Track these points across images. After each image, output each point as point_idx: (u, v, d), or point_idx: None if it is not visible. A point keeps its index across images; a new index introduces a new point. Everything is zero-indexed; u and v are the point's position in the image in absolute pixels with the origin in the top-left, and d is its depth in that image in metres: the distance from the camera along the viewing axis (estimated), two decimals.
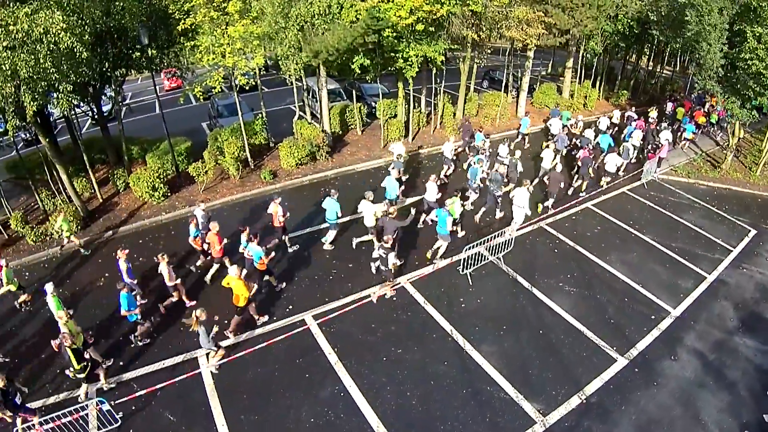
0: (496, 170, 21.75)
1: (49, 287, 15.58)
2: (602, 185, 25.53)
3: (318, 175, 26.52)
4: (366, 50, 24.80)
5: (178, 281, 17.02)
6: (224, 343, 15.43)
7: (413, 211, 19.13)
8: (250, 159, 27.18)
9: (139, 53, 24.62)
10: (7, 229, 23.06)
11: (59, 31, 17.02)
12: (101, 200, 25.36)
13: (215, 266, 18.46)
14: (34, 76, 17.67)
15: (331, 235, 20.11)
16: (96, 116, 27.46)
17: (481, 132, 27.10)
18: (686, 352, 16.00)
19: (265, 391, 14.52)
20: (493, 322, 16.62)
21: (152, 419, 14.11)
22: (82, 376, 13.98)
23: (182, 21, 23.12)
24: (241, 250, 17.66)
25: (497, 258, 18.90)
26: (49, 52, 17.48)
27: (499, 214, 22.56)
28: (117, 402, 14.01)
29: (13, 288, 17.54)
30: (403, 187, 22.38)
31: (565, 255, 20.17)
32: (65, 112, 23.61)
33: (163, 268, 16.39)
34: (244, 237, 17.40)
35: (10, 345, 16.34)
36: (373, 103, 32.03)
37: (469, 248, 17.70)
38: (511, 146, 26.05)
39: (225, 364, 15.23)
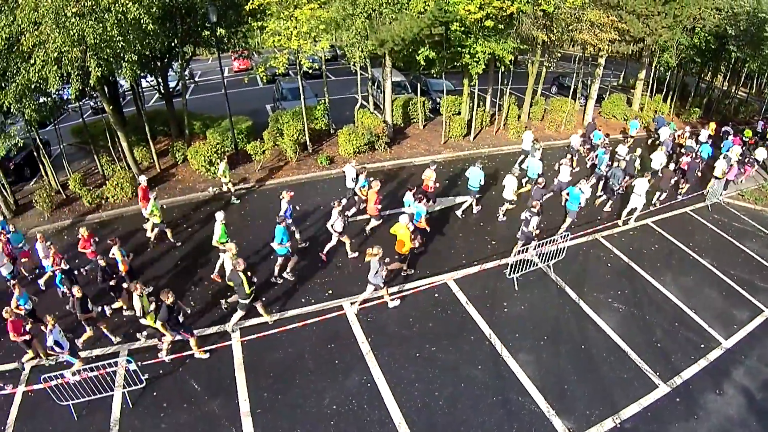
0: (617, 166, 23.13)
1: (219, 215, 17.49)
2: (710, 191, 25.59)
3: (375, 164, 26.34)
4: (432, 43, 24.39)
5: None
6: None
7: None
8: (308, 143, 27.35)
9: (207, 32, 25.03)
10: (66, 189, 24.50)
11: (127, 2, 17.57)
12: (159, 170, 26.34)
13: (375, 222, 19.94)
14: (101, 44, 18.15)
15: (468, 201, 22.15)
16: (162, 91, 28.06)
17: (600, 131, 28.12)
18: (733, 387, 14.86)
19: (292, 373, 14.49)
20: (534, 331, 15.95)
21: (177, 385, 14.45)
22: (247, 301, 15.16)
23: (250, 1, 23.16)
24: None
25: (547, 265, 18.23)
26: (116, 21, 17.95)
27: (608, 208, 23.59)
28: (144, 363, 14.17)
29: (157, 220, 19.41)
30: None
31: (617, 270, 19.22)
32: (131, 82, 24.39)
33: (335, 215, 17.72)
34: (409, 195, 18.94)
35: None
36: (437, 99, 31.56)
37: (519, 252, 17.16)
38: (630, 145, 26.57)
39: (255, 341, 15.30)
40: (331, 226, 17.85)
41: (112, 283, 16.11)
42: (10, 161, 27.22)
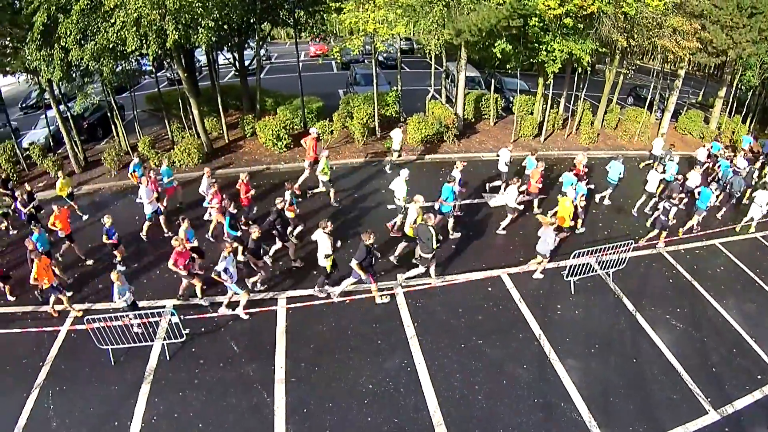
0: (738, 175, 23.30)
1: (404, 172, 18.60)
2: None
3: (441, 155, 26.16)
4: (510, 36, 23.75)
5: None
6: None
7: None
8: (377, 128, 27.30)
9: (285, 11, 25.20)
10: (134, 151, 25.60)
11: None
12: (227, 141, 27.21)
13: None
14: (180, 8, 18.58)
15: (608, 193, 22.63)
16: (238, 66, 28.81)
17: (719, 142, 28.15)
18: None
19: (333, 347, 14.38)
20: (585, 338, 15.13)
21: (216, 344, 14.75)
22: (430, 256, 15.81)
23: None
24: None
25: (606, 273, 17.42)
26: None
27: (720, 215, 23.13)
28: (187, 318, 14.19)
29: (326, 177, 20.36)
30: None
31: (679, 287, 18.10)
32: (208, 54, 25.13)
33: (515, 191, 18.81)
34: (570, 175, 20.25)
35: None
36: (510, 98, 30.86)
37: (579, 255, 16.42)
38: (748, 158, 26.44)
39: (301, 311, 15.40)
40: (513, 200, 19.02)
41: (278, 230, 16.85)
42: (84, 120, 29.19)
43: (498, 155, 22.25)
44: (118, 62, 22.95)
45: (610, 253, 16.53)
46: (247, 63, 29.95)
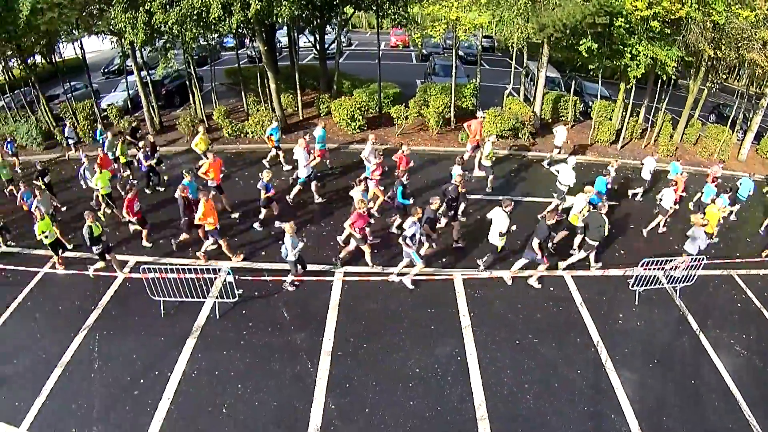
0: None
1: (572, 160, 19.00)
2: None
3: (516, 153, 25.44)
4: (594, 34, 22.78)
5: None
6: None
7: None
8: (453, 118, 26.85)
9: None
10: (209, 120, 26.69)
11: None
12: (301, 118, 27.62)
13: None
14: None
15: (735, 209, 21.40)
16: (318, 48, 29.13)
17: None
18: None
19: (384, 326, 14.10)
20: (644, 351, 14.13)
21: (267, 309, 14.79)
22: (596, 244, 15.94)
23: None
24: None
25: (672, 288, 16.49)
26: None
27: None
28: (241, 278, 14.15)
29: (488, 164, 20.27)
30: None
31: (747, 313, 16.76)
32: (289, 31, 25.35)
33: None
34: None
35: None
36: (590, 102, 29.92)
37: (646, 264, 15.57)
38: None
39: (357, 285, 15.30)
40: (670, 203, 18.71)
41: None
42: (163, 87, 30.35)
43: (642, 163, 21.78)
44: (201, 32, 23.15)
45: (678, 268, 15.70)
46: (327, 46, 30.16)
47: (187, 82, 28.21)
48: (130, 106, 29.52)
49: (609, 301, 15.69)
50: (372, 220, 16.19)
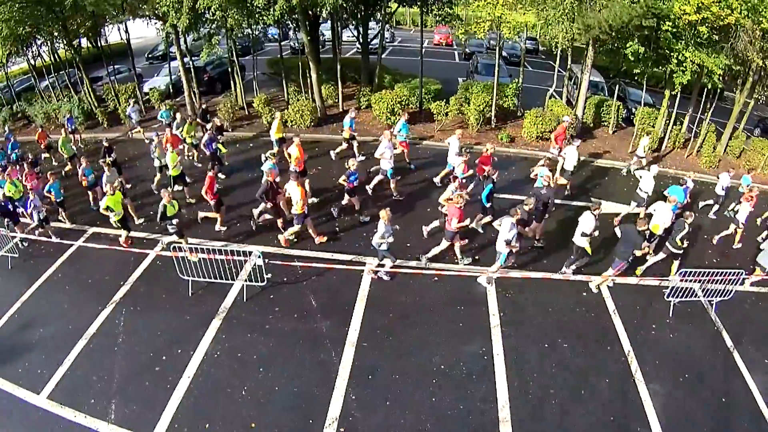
0: None
1: (654, 169, 18.53)
2: None
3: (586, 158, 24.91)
4: (641, 37, 22.22)
5: None
6: None
7: None
8: (493, 117, 26.48)
9: None
10: (249, 107, 27.27)
11: None
12: (341, 109, 27.50)
13: None
14: None
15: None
16: (361, 43, 29.10)
17: None
18: None
19: (412, 320, 13.84)
20: (676, 364, 13.55)
21: (295, 295, 14.70)
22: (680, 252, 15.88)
23: None
24: None
25: (708, 302, 15.91)
26: None
27: None
28: (271, 262, 14.43)
29: (571, 168, 19.82)
30: None
31: None
32: (333, 22, 25.44)
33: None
34: None
35: None
36: (633, 108, 29.30)
37: (683, 275, 15.04)
38: None
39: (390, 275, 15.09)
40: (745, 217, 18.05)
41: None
42: (205, 73, 30.89)
43: (718, 177, 21.02)
44: (245, 18, 23.28)
45: (716, 282, 15.14)
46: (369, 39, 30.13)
47: (229, 70, 28.39)
48: (171, 90, 30.00)
49: (643, 310, 15.15)
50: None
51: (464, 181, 17.19)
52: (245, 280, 14.68)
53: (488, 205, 16.58)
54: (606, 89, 31.47)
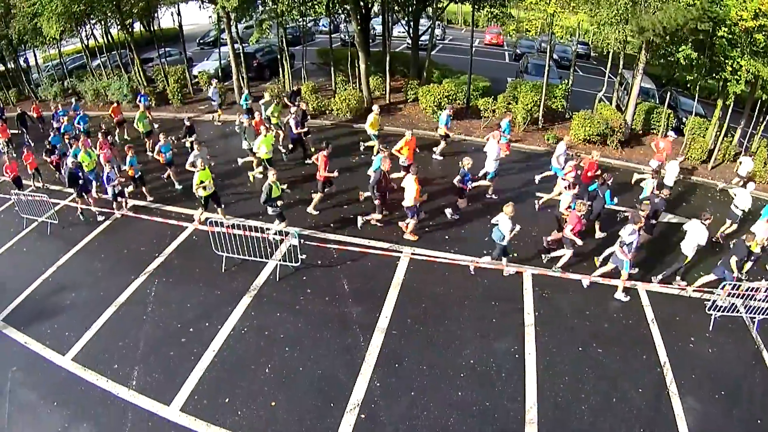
0: None
1: (751, 185, 18.18)
2: None
3: (602, 160, 24.05)
4: (695, 41, 21.54)
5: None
6: None
7: None
8: (540, 118, 25.96)
9: None
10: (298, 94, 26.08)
11: None
12: (388, 102, 27.61)
13: None
14: None
15: None
16: (411, 37, 28.97)
17: None
18: None
19: (444, 312, 13.55)
20: (713, 380, 12.91)
21: (327, 278, 14.68)
22: None
23: None
24: None
25: (750, 318, 15.24)
26: None
27: None
28: (306, 243, 14.85)
29: (671, 184, 19.13)
30: None
31: None
32: (383, 15, 25.26)
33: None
34: None
35: None
36: (683, 118, 28.53)
37: (728, 287, 14.43)
38: None
39: (424, 267, 14.94)
40: None
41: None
42: (255, 60, 31.31)
43: None
44: (296, 4, 23.35)
45: (761, 299, 14.51)
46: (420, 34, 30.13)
47: (279, 56, 28.68)
48: (220, 74, 30.39)
49: (682, 322, 14.51)
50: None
51: (573, 186, 16.70)
52: (279, 260, 14.65)
53: (614, 202, 16.34)
54: (657, 97, 30.73)
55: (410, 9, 27.89)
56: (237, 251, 14.55)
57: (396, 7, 27.68)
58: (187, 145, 19.19)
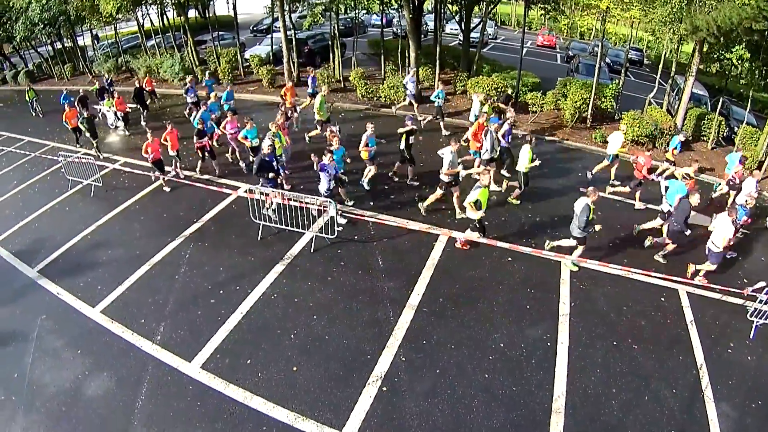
0: None
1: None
2: None
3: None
4: (749, 42, 20.89)
5: None
6: None
7: None
8: (589, 116, 25.39)
9: None
10: (345, 81, 28.25)
11: None
12: None
13: None
14: None
15: None
16: (462, 31, 29.28)
17: None
18: None
19: (478, 294, 13.28)
20: (750, 389, 12.18)
21: (362, 253, 14.64)
22: None
23: None
24: None
25: None
26: None
27: None
28: (345, 214, 15.18)
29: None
30: None
31: None
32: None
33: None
34: None
35: None
36: (735, 128, 27.72)
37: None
38: None
39: (460, 251, 14.85)
40: None
41: None
42: (306, 46, 32.01)
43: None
44: None
45: None
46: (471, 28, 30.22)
47: (330, 44, 29.24)
48: (271, 59, 31.00)
49: (722, 326, 13.83)
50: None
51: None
52: (316, 232, 14.68)
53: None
54: (709, 105, 29.96)
55: (462, 3, 28.07)
56: (275, 221, 14.82)
57: (449, 1, 27.83)
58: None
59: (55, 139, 25.17)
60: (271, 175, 14.86)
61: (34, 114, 29.97)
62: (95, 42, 38.57)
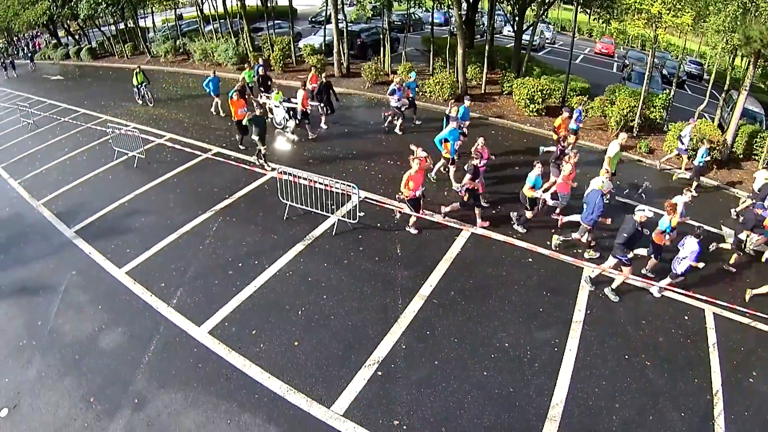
0: None
1: None
2: None
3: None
4: None
5: None
6: None
7: None
8: (636, 126, 24.99)
9: None
10: (392, 73, 28.45)
11: None
12: (482, 92, 28.19)
13: None
14: None
15: None
16: (515, 33, 29.62)
17: None
18: None
19: (491, 291, 13.44)
20: (767, 424, 12.39)
21: (382, 241, 15.08)
22: None
23: None
24: None
25: None
26: None
27: None
28: (369, 200, 15.92)
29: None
30: None
31: None
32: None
33: None
34: None
35: None
36: None
37: None
38: None
39: (481, 245, 15.08)
40: None
41: None
42: (359, 38, 32.95)
43: None
44: None
45: None
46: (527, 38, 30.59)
47: (381, 38, 30.11)
48: (324, 49, 32.15)
49: (747, 353, 13.38)
50: None
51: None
52: (340, 216, 15.19)
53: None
54: (765, 123, 29.11)
55: (515, 3, 28.61)
56: (302, 202, 15.43)
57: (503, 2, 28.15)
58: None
59: (108, 113, 26.73)
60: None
61: (141, 102, 27.62)
62: (153, 25, 40.56)
